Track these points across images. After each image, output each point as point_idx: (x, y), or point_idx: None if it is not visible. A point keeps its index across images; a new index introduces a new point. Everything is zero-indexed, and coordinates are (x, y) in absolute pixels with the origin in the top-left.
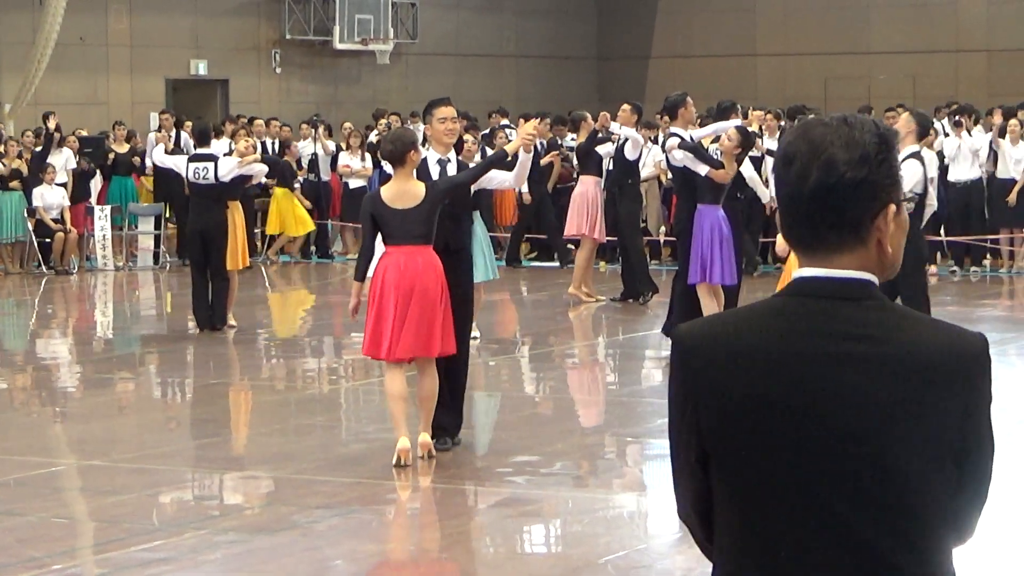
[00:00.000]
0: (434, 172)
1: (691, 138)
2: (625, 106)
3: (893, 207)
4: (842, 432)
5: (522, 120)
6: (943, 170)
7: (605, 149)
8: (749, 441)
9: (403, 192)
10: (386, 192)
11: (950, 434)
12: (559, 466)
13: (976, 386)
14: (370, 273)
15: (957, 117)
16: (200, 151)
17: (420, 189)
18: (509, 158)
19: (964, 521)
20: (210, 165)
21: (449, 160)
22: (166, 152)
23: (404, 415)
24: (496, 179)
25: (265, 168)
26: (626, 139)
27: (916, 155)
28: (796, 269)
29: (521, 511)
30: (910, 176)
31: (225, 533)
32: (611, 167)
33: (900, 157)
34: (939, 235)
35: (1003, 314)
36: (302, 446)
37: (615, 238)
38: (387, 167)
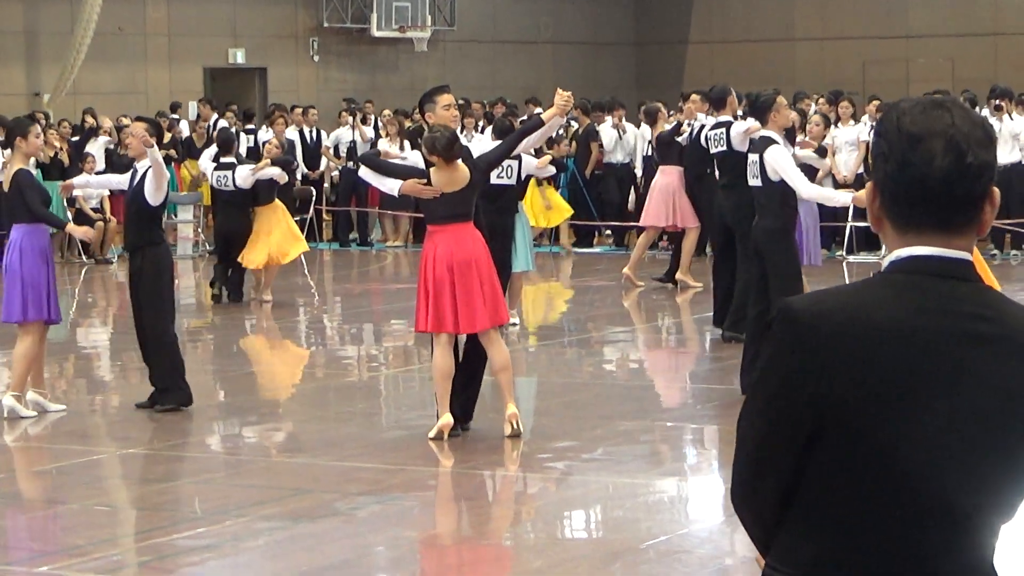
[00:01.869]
0: None
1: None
2: (695, 96)
3: (996, 189)
4: (969, 410)
5: (559, 90)
6: None
7: (682, 138)
8: (883, 415)
9: (452, 179)
10: (437, 179)
11: None
12: (600, 451)
13: None
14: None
15: (997, 101)
16: (223, 160)
17: (466, 173)
18: (546, 125)
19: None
20: (229, 173)
21: None
22: (213, 159)
23: (448, 393)
24: (526, 144)
25: (278, 171)
26: (702, 126)
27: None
28: (913, 247)
29: (562, 496)
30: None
31: (267, 520)
32: (689, 156)
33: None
34: None
35: None
36: (342, 433)
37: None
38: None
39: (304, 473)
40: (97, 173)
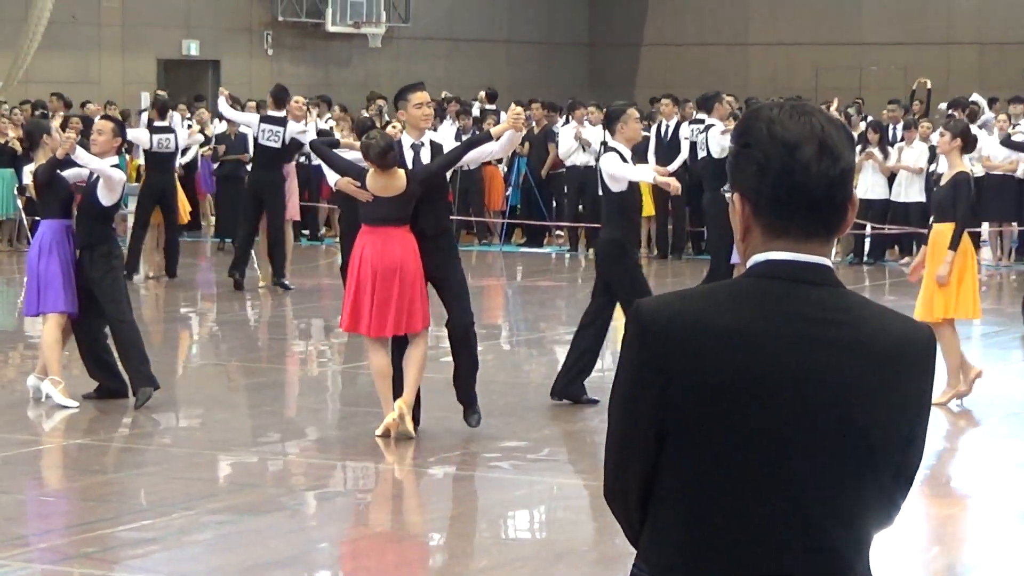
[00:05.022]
0: (408, 157)
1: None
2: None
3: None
4: (817, 415)
5: (512, 105)
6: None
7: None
8: (725, 419)
9: (387, 186)
10: (372, 183)
11: (907, 419)
12: (546, 452)
13: (929, 373)
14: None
15: (950, 111)
16: (159, 124)
17: (402, 181)
18: (503, 140)
19: (898, 506)
20: (171, 136)
21: (423, 144)
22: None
23: (390, 391)
24: (484, 152)
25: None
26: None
27: None
28: (769, 252)
29: (507, 497)
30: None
31: (213, 514)
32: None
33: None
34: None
35: (991, 306)
36: (290, 428)
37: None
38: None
39: (251, 468)
40: None
